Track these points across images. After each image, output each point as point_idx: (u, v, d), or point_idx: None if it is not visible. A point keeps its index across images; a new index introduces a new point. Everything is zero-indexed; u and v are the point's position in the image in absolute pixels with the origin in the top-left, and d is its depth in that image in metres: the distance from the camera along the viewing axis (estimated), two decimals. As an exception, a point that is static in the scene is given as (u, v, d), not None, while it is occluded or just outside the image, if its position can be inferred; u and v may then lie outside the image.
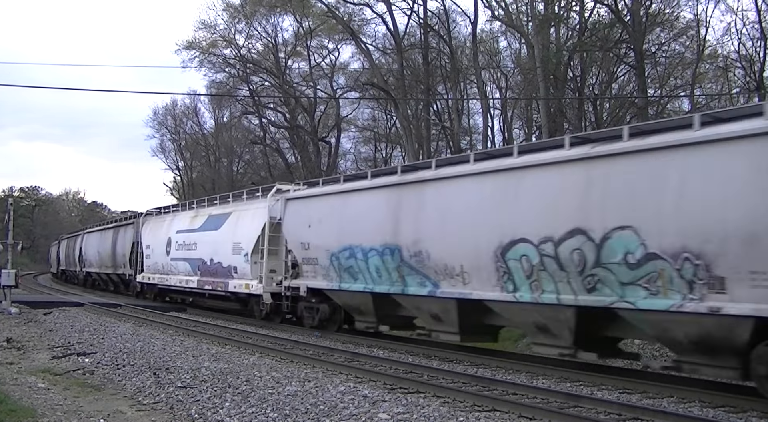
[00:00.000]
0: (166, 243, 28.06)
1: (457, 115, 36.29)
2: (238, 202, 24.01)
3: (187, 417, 8.84)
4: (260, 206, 21.58)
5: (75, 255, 47.63)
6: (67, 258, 52.58)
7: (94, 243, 41.76)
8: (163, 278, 28.66)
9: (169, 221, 29.10)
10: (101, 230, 41.41)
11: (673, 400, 10.14)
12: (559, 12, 29.92)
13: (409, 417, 8.78)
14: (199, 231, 25.35)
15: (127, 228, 35.48)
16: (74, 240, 49.27)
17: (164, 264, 28.41)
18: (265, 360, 13.68)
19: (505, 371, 12.85)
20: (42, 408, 9.11)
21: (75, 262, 48.06)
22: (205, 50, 45.71)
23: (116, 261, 36.65)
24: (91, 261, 42.58)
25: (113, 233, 37.82)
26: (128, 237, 34.77)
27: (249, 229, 21.83)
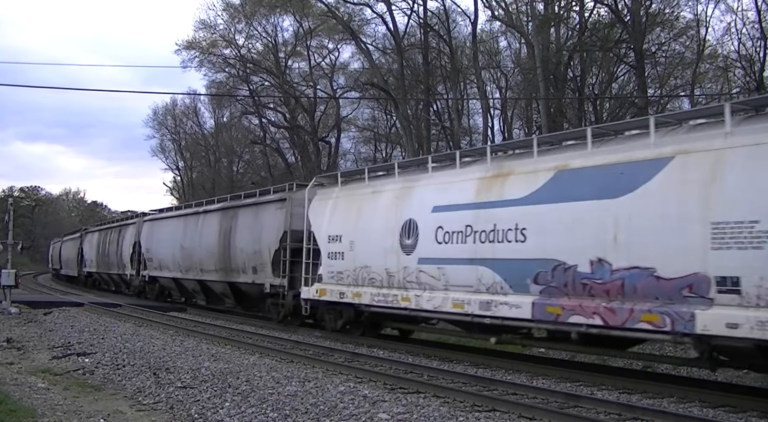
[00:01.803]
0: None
1: (457, 115, 36.31)
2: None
3: (187, 417, 8.84)
4: None
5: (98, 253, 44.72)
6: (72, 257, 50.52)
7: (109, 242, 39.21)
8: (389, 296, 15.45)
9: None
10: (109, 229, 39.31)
11: (673, 400, 10.14)
12: (559, 12, 29.94)
13: (409, 417, 8.78)
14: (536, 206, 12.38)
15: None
16: (74, 241, 48.17)
17: (402, 271, 15.11)
18: (265, 360, 13.67)
19: (505, 371, 12.85)
20: (42, 408, 9.11)
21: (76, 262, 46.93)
22: (205, 50, 45.74)
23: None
24: (99, 262, 40.32)
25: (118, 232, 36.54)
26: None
27: None
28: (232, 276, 22.61)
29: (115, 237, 36.15)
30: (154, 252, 29.36)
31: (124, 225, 35.61)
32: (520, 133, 40.81)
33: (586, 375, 11.87)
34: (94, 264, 41.22)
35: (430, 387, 10.65)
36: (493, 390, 10.67)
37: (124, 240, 34.39)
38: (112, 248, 36.36)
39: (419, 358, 14.40)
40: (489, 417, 8.89)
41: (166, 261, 27.95)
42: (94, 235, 41.80)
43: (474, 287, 12.91)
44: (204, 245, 24.47)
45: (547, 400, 9.85)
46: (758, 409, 9.38)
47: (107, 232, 38.47)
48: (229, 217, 23.26)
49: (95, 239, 41.10)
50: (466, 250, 13.09)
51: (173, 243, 27.06)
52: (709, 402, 9.92)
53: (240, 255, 21.95)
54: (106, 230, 39.38)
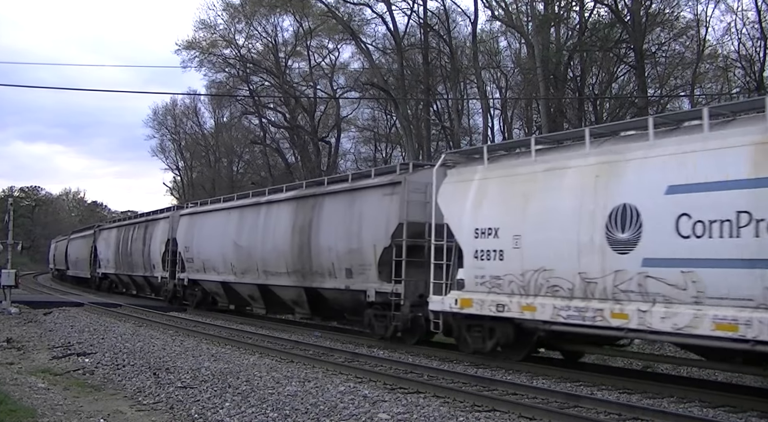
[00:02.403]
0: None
1: (457, 115, 36.31)
2: None
3: (187, 417, 8.84)
4: None
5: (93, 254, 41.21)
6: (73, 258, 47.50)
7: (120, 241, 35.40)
8: None
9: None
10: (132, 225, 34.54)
11: (673, 400, 10.14)
12: (559, 12, 29.95)
13: (409, 417, 8.78)
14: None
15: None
16: (85, 239, 43.82)
17: (612, 276, 11.95)
18: (265, 360, 13.67)
19: (505, 371, 12.84)
20: (42, 408, 9.11)
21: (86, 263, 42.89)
22: (205, 50, 45.75)
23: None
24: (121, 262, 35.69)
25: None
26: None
27: None
28: (312, 281, 18.39)
29: (141, 234, 31.58)
30: (195, 251, 25.11)
31: (153, 220, 30.84)
32: (519, 133, 40.83)
33: (586, 375, 11.87)
34: (111, 264, 36.69)
35: (430, 387, 10.65)
36: (493, 390, 10.67)
37: (152, 237, 29.85)
38: (137, 246, 31.83)
39: (419, 358, 14.39)
40: (489, 417, 8.89)
41: (213, 261, 23.81)
42: (112, 232, 37.26)
43: (757, 301, 9.13)
44: (270, 243, 20.19)
45: (547, 400, 9.85)
46: (758, 409, 9.38)
47: (130, 229, 33.75)
48: (308, 208, 18.93)
49: (113, 237, 36.49)
50: (740, 247, 9.33)
51: (223, 241, 22.94)
52: (709, 402, 9.92)
53: (325, 255, 17.74)
54: (128, 226, 34.52)
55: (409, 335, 15.74)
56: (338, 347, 15.70)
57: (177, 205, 30.54)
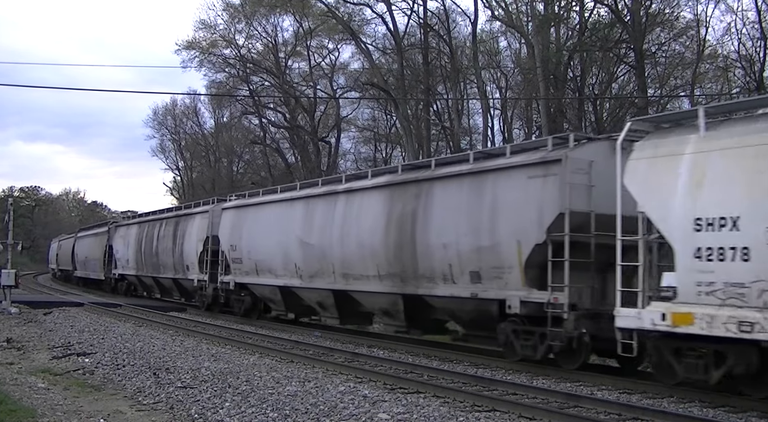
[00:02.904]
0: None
1: (457, 115, 36.30)
2: None
3: (187, 417, 8.84)
4: None
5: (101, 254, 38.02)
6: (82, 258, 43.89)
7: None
8: None
9: None
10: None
11: (673, 400, 10.14)
12: (559, 12, 29.95)
13: (409, 417, 8.78)
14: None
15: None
16: (98, 237, 39.64)
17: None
18: (265, 360, 13.68)
19: (505, 371, 12.85)
20: (42, 408, 9.11)
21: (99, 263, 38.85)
22: (205, 50, 45.74)
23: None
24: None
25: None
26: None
27: None
28: (417, 286, 14.99)
29: (169, 231, 28.09)
30: (244, 250, 21.62)
31: (187, 215, 27.14)
32: (520, 133, 40.85)
33: (586, 375, 11.87)
34: (131, 265, 32.85)
35: (430, 387, 10.65)
36: (493, 390, 10.67)
37: (186, 235, 26.30)
38: (165, 245, 28.33)
39: (419, 358, 14.40)
40: (489, 417, 8.89)
41: (270, 263, 20.35)
42: (131, 230, 33.50)
43: None
44: (352, 240, 16.77)
45: (547, 400, 9.85)
46: (758, 409, 9.38)
47: (155, 225, 30.12)
48: (409, 196, 15.38)
49: (133, 234, 32.87)
50: None
51: (284, 238, 19.49)
52: (709, 402, 9.92)
53: (438, 255, 14.33)
54: (152, 223, 30.87)
55: (568, 358, 12.29)
56: (338, 347, 15.71)
57: (218, 198, 26.13)
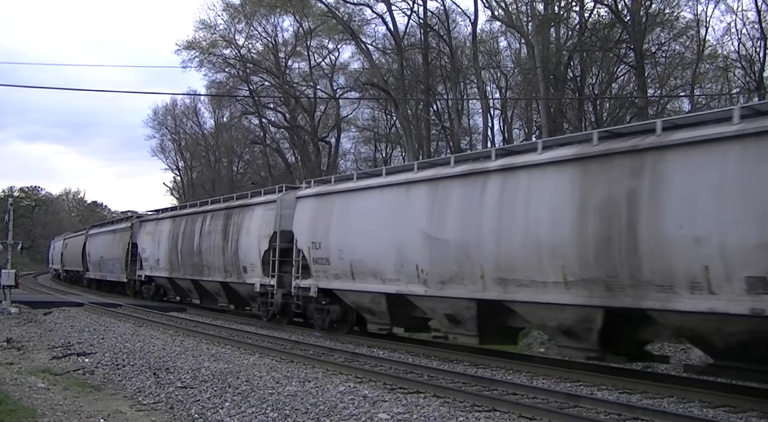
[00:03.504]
0: None
1: (457, 115, 36.31)
2: None
3: (187, 417, 8.84)
4: None
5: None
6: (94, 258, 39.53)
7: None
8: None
9: None
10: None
11: (673, 400, 10.14)
12: (559, 12, 29.93)
13: (409, 417, 8.78)
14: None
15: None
16: (118, 234, 34.89)
17: None
18: (265, 360, 13.68)
19: (505, 371, 12.85)
20: (42, 408, 9.11)
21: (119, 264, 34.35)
22: (205, 50, 45.75)
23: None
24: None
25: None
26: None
27: None
28: (637, 296, 10.55)
29: (218, 225, 23.79)
30: (333, 248, 17.20)
31: (243, 206, 22.64)
32: (520, 133, 40.86)
33: (586, 375, 11.87)
34: (163, 265, 28.53)
35: (430, 387, 10.65)
36: (493, 390, 10.67)
37: (243, 230, 21.98)
38: (211, 243, 24.06)
39: (419, 358, 14.40)
40: (489, 417, 8.89)
41: (373, 264, 15.88)
42: (163, 225, 29.21)
43: None
44: (516, 234, 12.49)
45: (547, 400, 9.85)
46: (758, 409, 9.38)
47: (196, 220, 25.85)
48: (620, 173, 11.04)
49: (165, 230, 28.60)
50: None
51: (397, 233, 15.07)
52: (709, 402, 9.92)
53: (681, 253, 9.94)
54: (192, 216, 26.44)
55: None
56: (338, 347, 15.70)
57: (286, 185, 21.97)
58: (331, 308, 18.03)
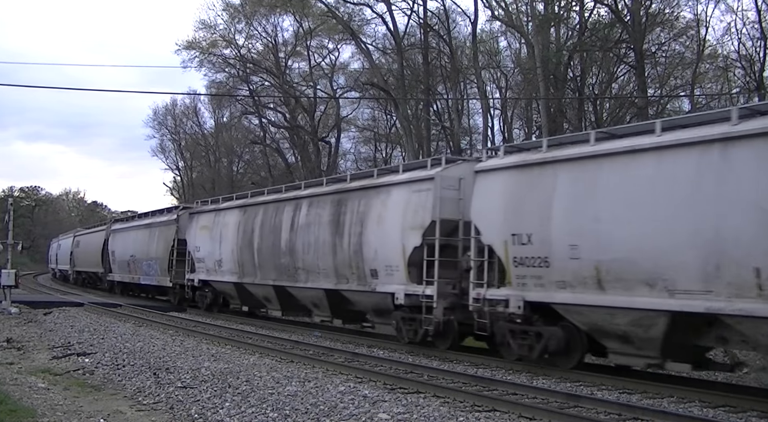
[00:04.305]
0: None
1: (457, 115, 36.31)
2: None
3: (187, 417, 8.84)
4: None
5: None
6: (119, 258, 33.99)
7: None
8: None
9: None
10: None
11: (673, 400, 10.14)
12: (559, 12, 29.93)
13: (409, 417, 8.78)
14: None
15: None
16: (157, 230, 29.29)
17: None
18: (265, 360, 13.68)
19: (505, 371, 12.85)
20: (42, 408, 9.11)
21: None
22: (205, 50, 45.71)
23: None
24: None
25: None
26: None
27: None
28: None
29: (324, 215, 17.90)
30: (572, 241, 11.77)
31: (368, 188, 16.92)
32: (520, 133, 40.85)
33: (586, 375, 11.87)
34: (227, 268, 22.48)
35: (430, 387, 10.65)
36: (493, 390, 10.67)
37: (371, 220, 16.36)
38: (312, 238, 18.19)
39: (419, 358, 14.39)
40: (489, 417, 8.89)
41: (651, 267, 10.63)
42: (226, 216, 22.93)
43: None
44: None
45: (547, 400, 9.85)
46: (758, 409, 9.38)
47: (282, 209, 19.90)
48: None
49: (231, 223, 22.45)
50: None
51: (726, 214, 9.74)
52: (709, 402, 9.93)
53: None
54: (273, 204, 20.51)
55: None
56: (338, 347, 15.70)
57: (447, 158, 15.95)
58: (547, 331, 12.38)
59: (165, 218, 29.13)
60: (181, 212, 27.59)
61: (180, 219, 27.07)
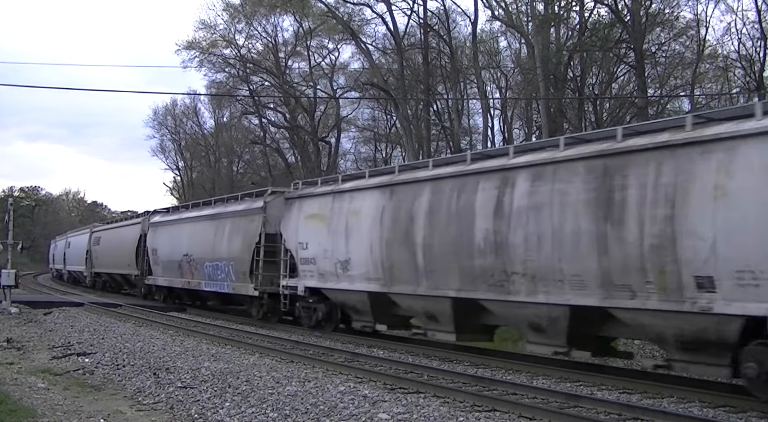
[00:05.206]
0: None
1: (457, 115, 36.33)
2: None
3: (187, 417, 8.84)
4: None
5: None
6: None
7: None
8: None
9: None
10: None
11: (673, 400, 10.14)
12: (559, 12, 29.95)
13: (409, 417, 8.78)
14: None
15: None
16: (228, 222, 22.94)
17: None
18: (265, 360, 13.67)
19: (505, 371, 12.84)
20: (42, 408, 9.11)
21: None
22: (205, 50, 45.72)
23: None
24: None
25: None
26: None
27: None
28: None
29: (576, 193, 11.56)
30: None
31: (695, 143, 9.99)
32: (520, 133, 40.88)
33: (586, 375, 11.87)
34: (358, 271, 16.37)
35: (430, 387, 10.65)
36: (493, 390, 10.66)
37: (716, 191, 9.57)
38: (551, 228, 11.85)
39: (419, 358, 14.39)
40: (489, 417, 8.89)
41: None
42: (357, 200, 16.75)
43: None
44: None
45: (547, 400, 9.85)
46: (758, 409, 9.38)
47: (473, 185, 13.54)
48: None
49: (366, 208, 16.29)
50: None
51: None
52: (709, 402, 9.92)
53: None
54: (456, 179, 14.11)
55: None
56: (338, 347, 15.68)
57: None
58: None
59: (244, 206, 22.41)
60: (270, 197, 21.02)
61: (268, 207, 20.69)
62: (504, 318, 13.68)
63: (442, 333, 14.78)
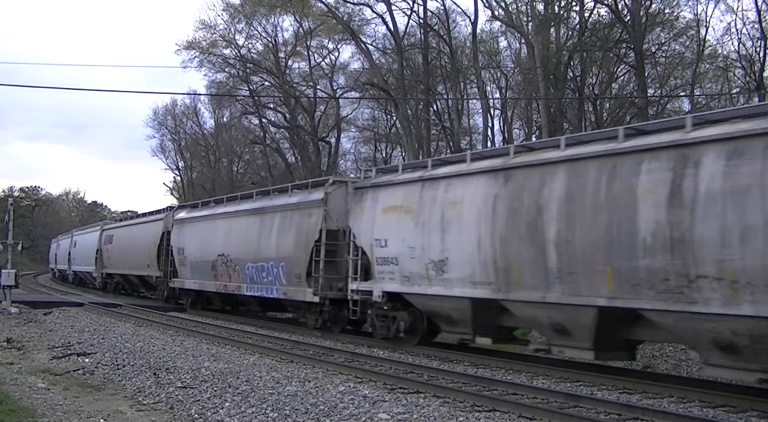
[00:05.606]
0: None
1: (457, 115, 36.29)
2: None
3: (187, 417, 8.84)
4: None
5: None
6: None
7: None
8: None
9: None
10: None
11: (673, 400, 10.14)
12: (559, 12, 29.94)
13: (409, 417, 8.78)
14: None
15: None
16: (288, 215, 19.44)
17: None
18: (265, 360, 13.67)
19: (505, 371, 12.85)
20: (42, 408, 9.11)
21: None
22: (205, 50, 45.70)
23: None
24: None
25: None
26: None
27: None
28: None
29: None
30: None
31: None
32: (520, 133, 40.86)
33: (586, 375, 11.87)
34: (458, 273, 13.73)
35: (430, 387, 10.65)
36: (493, 390, 10.67)
37: None
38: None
39: (419, 358, 14.39)
40: (489, 417, 8.89)
41: None
42: (473, 186, 13.69)
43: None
44: None
45: (547, 400, 9.85)
46: (758, 409, 9.38)
47: (682, 161, 10.09)
48: None
49: (473, 197, 13.63)
50: None
51: None
52: (709, 402, 9.92)
53: None
54: (621, 158, 11.01)
55: None
56: (338, 347, 15.68)
57: None
58: None
59: (298, 198, 19.40)
60: (332, 188, 17.92)
61: (330, 199, 17.75)
62: (676, 333, 10.85)
63: (575, 350, 12.19)
